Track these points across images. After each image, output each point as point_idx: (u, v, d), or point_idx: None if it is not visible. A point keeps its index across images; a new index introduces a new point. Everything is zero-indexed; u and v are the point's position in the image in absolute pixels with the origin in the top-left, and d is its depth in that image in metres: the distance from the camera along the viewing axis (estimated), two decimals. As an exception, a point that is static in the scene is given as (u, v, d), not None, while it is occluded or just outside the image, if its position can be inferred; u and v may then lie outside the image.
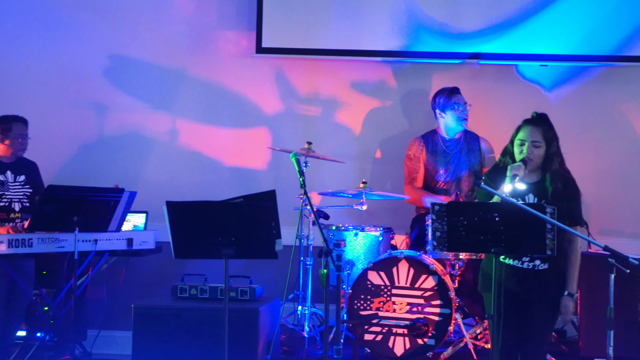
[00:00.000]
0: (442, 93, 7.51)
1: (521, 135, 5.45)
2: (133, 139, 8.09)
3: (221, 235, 5.57)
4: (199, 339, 6.64)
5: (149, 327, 6.74)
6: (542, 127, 5.44)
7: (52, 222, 6.71)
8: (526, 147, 5.41)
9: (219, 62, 8.07)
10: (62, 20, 8.04)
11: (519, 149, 5.44)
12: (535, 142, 5.42)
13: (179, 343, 6.67)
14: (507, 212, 5.12)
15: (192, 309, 6.77)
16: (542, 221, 5.05)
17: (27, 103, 7.90)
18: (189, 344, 6.66)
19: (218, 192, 7.64)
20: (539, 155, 5.43)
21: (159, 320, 6.73)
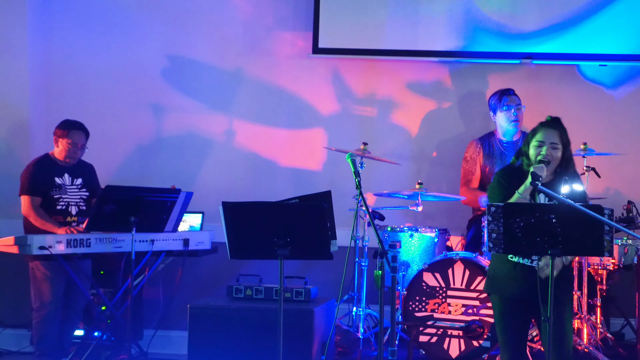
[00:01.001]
0: (495, 94, 7.47)
1: (539, 137, 5.45)
2: (190, 139, 8.13)
3: (276, 236, 5.57)
4: (254, 339, 6.65)
5: (205, 327, 6.77)
6: (558, 129, 5.46)
7: (109, 222, 6.76)
8: (545, 149, 5.41)
9: (275, 62, 8.08)
10: (121, 22, 8.10)
11: (537, 150, 5.43)
12: (554, 143, 5.42)
13: (234, 343, 6.69)
14: (564, 213, 5.07)
15: (247, 310, 6.78)
16: (601, 223, 5.00)
17: (86, 104, 7.97)
18: (244, 344, 6.68)
19: (274, 192, 7.65)
20: (557, 157, 5.43)
21: (214, 321, 6.76)
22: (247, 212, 5.67)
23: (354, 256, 7.20)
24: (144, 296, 7.71)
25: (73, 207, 7.05)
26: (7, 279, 7.99)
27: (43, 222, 6.85)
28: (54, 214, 6.96)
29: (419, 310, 6.83)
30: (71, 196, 7.05)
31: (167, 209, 6.91)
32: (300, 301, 6.95)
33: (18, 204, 7.28)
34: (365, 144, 7.24)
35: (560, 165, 5.45)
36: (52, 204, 6.97)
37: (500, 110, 7.41)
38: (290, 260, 5.68)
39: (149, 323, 7.72)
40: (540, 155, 5.41)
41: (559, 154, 5.43)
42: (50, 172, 7.02)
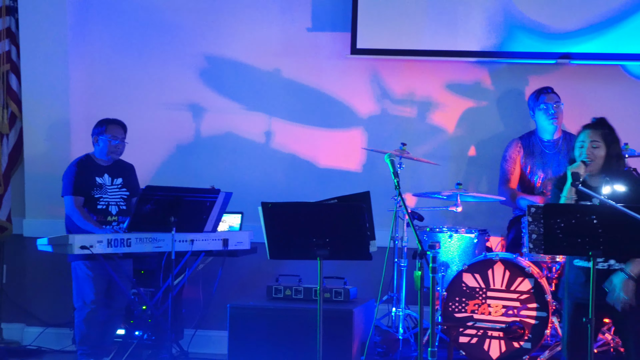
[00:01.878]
0: (533, 93, 7.45)
1: (581, 137, 5.49)
2: (229, 140, 8.15)
3: (315, 236, 5.57)
4: (293, 339, 6.66)
5: (245, 327, 6.79)
6: (601, 129, 5.46)
7: (149, 222, 6.79)
8: (586, 149, 5.40)
9: (313, 63, 8.08)
10: (160, 23, 8.14)
11: (579, 151, 5.46)
12: (594, 142, 5.42)
13: (274, 343, 6.71)
14: (605, 214, 5.03)
15: (286, 310, 6.80)
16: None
17: (125, 105, 8.02)
18: (283, 344, 6.69)
19: (312, 193, 7.65)
20: (599, 155, 5.40)
21: (254, 321, 6.78)
22: (286, 213, 5.67)
23: (393, 257, 7.18)
24: (184, 296, 7.75)
25: (113, 207, 7.09)
26: (49, 278, 8.07)
27: (85, 222, 6.90)
28: (95, 213, 7.02)
29: (459, 311, 6.81)
30: (111, 196, 7.10)
31: (207, 209, 6.93)
32: (339, 301, 6.96)
33: (59, 204, 7.35)
34: (404, 144, 7.22)
35: (604, 165, 5.41)
36: (93, 204, 7.03)
37: (538, 108, 7.38)
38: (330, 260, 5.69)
39: (189, 323, 7.75)
40: (582, 156, 5.39)
41: (601, 152, 5.40)
42: (91, 172, 7.08)
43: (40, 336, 8.10)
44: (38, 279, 8.18)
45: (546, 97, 7.36)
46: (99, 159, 7.16)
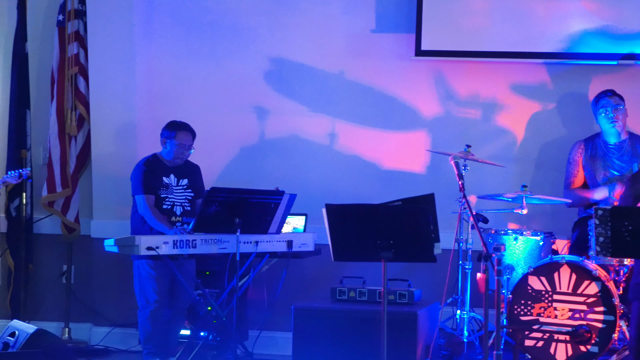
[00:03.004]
0: (595, 97, 7.37)
1: None
2: (293, 141, 8.17)
3: (380, 238, 5.57)
4: (357, 341, 6.66)
5: (309, 329, 6.81)
6: None
7: (214, 223, 6.83)
8: None
9: (377, 65, 8.07)
10: (225, 25, 8.18)
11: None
12: None
13: (338, 345, 6.72)
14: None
15: (351, 312, 6.80)
16: None
17: (190, 107, 8.07)
18: (347, 346, 6.70)
19: (376, 195, 7.64)
20: None
21: (318, 322, 6.80)
22: (351, 215, 5.68)
23: (458, 259, 7.15)
24: (249, 297, 7.78)
25: (178, 207, 7.15)
26: (116, 279, 8.15)
27: (157, 222, 6.97)
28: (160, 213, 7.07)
29: (525, 314, 6.76)
30: (177, 196, 7.15)
31: (271, 211, 6.96)
32: (403, 303, 6.95)
33: (126, 205, 7.43)
34: (469, 146, 7.18)
35: None
36: (159, 203, 7.08)
37: (598, 112, 7.31)
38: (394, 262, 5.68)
39: (254, 324, 7.78)
40: None
41: None
42: (159, 171, 7.13)
43: (108, 336, 8.19)
44: (105, 280, 8.27)
45: (605, 100, 7.28)
46: (165, 159, 7.21)
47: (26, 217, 8.23)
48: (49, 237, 8.39)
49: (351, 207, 5.75)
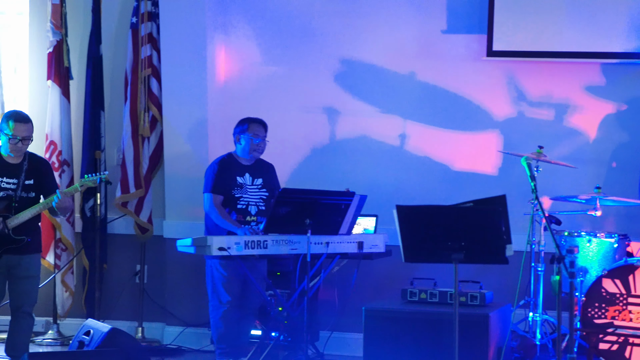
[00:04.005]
0: None
1: None
2: (363, 142, 8.17)
3: (451, 240, 5.55)
4: (428, 343, 6.64)
5: (380, 330, 6.80)
6: None
7: (285, 224, 6.85)
8: None
9: (448, 65, 8.04)
10: (296, 25, 8.21)
11: None
12: None
13: (409, 346, 6.70)
14: None
15: (421, 313, 6.78)
16: None
17: (261, 107, 8.10)
18: (418, 347, 6.68)
19: (447, 196, 7.61)
20: None
21: (389, 323, 6.79)
22: (421, 216, 5.67)
23: (530, 261, 7.09)
24: (320, 298, 7.80)
25: (252, 207, 7.18)
26: (188, 279, 8.23)
27: (223, 220, 7.01)
28: (234, 212, 7.10)
29: (599, 317, 6.68)
30: (251, 196, 7.18)
31: (342, 212, 6.96)
32: (475, 305, 6.91)
33: (197, 205, 7.49)
34: (541, 147, 7.12)
35: None
36: (233, 203, 7.12)
37: None
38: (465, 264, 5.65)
39: (325, 324, 7.80)
40: None
41: None
42: (233, 171, 7.17)
43: (180, 335, 8.27)
44: (177, 280, 8.35)
45: None
46: (241, 157, 7.24)
47: (100, 217, 8.34)
48: (122, 237, 8.50)
49: (422, 208, 5.73)
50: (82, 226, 8.35)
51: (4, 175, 6.77)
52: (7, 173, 6.77)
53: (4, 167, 6.77)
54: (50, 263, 8.33)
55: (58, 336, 8.36)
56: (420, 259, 5.86)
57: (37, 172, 6.86)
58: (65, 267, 8.33)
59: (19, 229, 6.74)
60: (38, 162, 6.96)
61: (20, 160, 6.82)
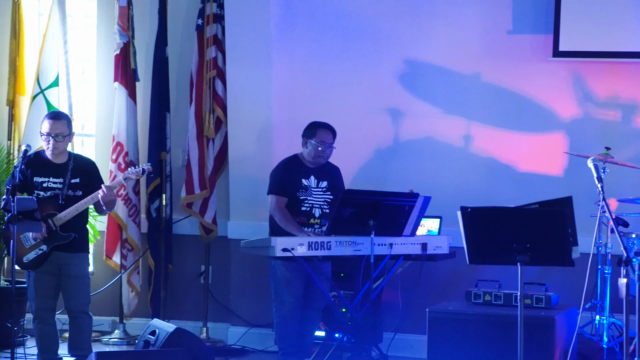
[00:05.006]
0: None
1: None
2: (427, 143, 8.14)
3: (516, 242, 5.52)
4: (493, 345, 6.60)
5: (444, 332, 6.78)
6: None
7: (349, 225, 6.85)
8: None
9: (513, 66, 7.97)
10: (360, 27, 8.20)
11: None
12: None
13: (473, 348, 6.67)
14: None
15: (486, 315, 6.74)
16: None
17: (325, 108, 8.11)
18: (483, 349, 6.64)
19: (512, 197, 7.55)
20: None
21: (453, 325, 6.76)
22: (486, 217, 5.64)
23: (597, 263, 7.02)
24: (383, 299, 7.79)
25: (316, 210, 7.18)
26: (252, 279, 8.27)
27: (286, 223, 7.02)
28: (298, 214, 7.12)
29: (666, 320, 6.58)
30: (316, 198, 7.19)
31: (406, 213, 6.94)
32: (540, 308, 6.85)
33: (262, 206, 7.52)
34: (608, 148, 7.05)
35: None
36: (297, 205, 7.13)
37: None
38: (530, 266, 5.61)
39: (388, 326, 7.78)
40: None
41: None
42: (298, 173, 7.18)
43: (244, 336, 8.31)
44: (242, 280, 8.39)
45: None
46: (306, 160, 7.26)
47: (166, 218, 8.42)
48: (187, 237, 8.57)
49: (487, 209, 5.71)
50: (148, 227, 8.42)
51: (50, 175, 6.89)
52: (53, 173, 6.89)
53: (50, 168, 6.90)
54: (116, 263, 8.42)
55: (124, 335, 8.45)
56: (484, 261, 5.82)
57: (83, 171, 6.96)
58: (131, 268, 8.41)
59: (66, 226, 6.85)
60: (83, 161, 7.08)
61: (65, 160, 6.94)
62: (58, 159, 6.92)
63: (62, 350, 7.14)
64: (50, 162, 6.91)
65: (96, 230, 8.40)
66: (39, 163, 6.92)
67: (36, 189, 6.84)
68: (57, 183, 6.88)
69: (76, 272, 6.93)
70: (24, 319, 8.13)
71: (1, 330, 7.81)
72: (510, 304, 6.92)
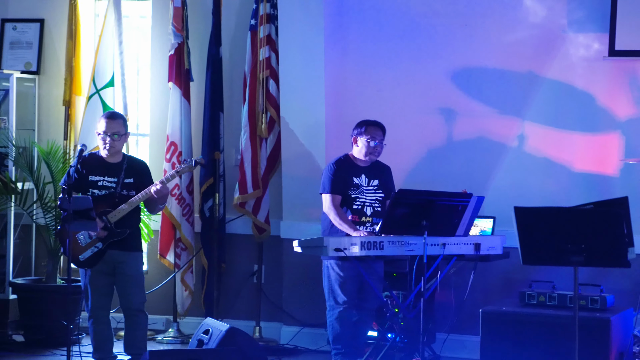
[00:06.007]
0: None
1: None
2: (481, 143, 8.10)
3: (571, 242, 5.47)
4: (547, 346, 6.56)
5: (497, 333, 6.75)
6: None
7: (401, 225, 6.83)
8: None
9: (568, 65, 7.90)
10: (412, 26, 8.17)
11: None
12: None
13: (527, 350, 6.63)
14: None
15: (540, 316, 6.70)
16: None
17: (378, 108, 8.10)
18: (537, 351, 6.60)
19: (567, 198, 7.50)
20: None
21: (507, 326, 6.73)
22: (540, 218, 5.60)
23: (653, 264, 6.94)
24: (436, 300, 7.76)
25: (368, 208, 7.18)
26: (305, 279, 8.29)
27: (341, 222, 7.03)
28: (350, 213, 7.13)
29: None
30: (367, 197, 7.19)
31: (459, 213, 6.91)
32: (595, 309, 6.79)
33: (314, 206, 7.53)
34: (665, 148, 6.97)
35: None
36: (349, 203, 7.13)
37: None
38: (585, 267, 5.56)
39: (441, 326, 7.76)
40: None
41: None
42: (349, 172, 7.19)
43: (297, 335, 8.34)
44: (294, 280, 8.41)
45: None
46: (357, 159, 7.26)
47: (219, 217, 8.46)
48: (240, 237, 8.61)
49: (541, 210, 5.66)
50: (201, 226, 8.48)
51: (105, 174, 6.98)
52: (108, 172, 6.98)
53: (105, 167, 6.99)
54: (170, 262, 8.49)
55: (178, 334, 8.51)
56: (539, 262, 5.78)
57: (136, 171, 7.06)
58: (185, 267, 8.47)
59: (120, 223, 6.94)
60: (136, 162, 7.18)
61: (120, 160, 7.03)
62: (112, 159, 7.00)
63: (118, 349, 7.21)
64: (105, 161, 6.99)
65: (150, 229, 8.48)
66: (94, 162, 7.00)
67: (91, 188, 6.92)
68: (111, 182, 6.96)
69: (131, 270, 7.00)
70: (80, 318, 8.23)
71: (57, 328, 7.93)
72: (565, 305, 6.86)
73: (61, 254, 8.20)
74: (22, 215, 8.55)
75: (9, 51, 9.00)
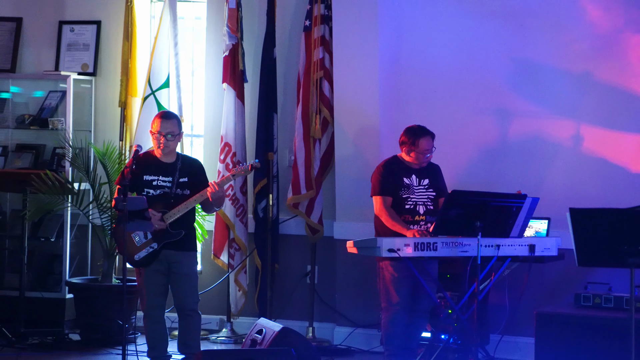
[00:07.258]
0: None
1: None
2: (536, 144, 8.05)
3: (627, 244, 5.43)
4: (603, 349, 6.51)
5: (552, 335, 6.69)
6: None
7: (455, 226, 6.82)
8: None
9: (625, 66, 7.83)
10: (468, 27, 8.14)
11: None
12: None
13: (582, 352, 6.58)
14: None
15: (596, 318, 6.64)
16: None
17: (432, 108, 8.10)
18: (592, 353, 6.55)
19: (623, 199, 7.41)
20: None
21: (561, 328, 6.68)
22: (596, 219, 5.56)
23: None
24: (490, 301, 7.73)
25: (420, 207, 7.17)
26: (358, 280, 8.29)
27: (393, 222, 7.02)
28: (403, 213, 7.12)
29: None
30: (418, 196, 7.18)
31: (513, 215, 6.88)
32: (652, 312, 6.70)
33: (367, 207, 7.53)
34: None
35: None
36: (401, 204, 7.13)
37: None
38: (642, 269, 5.51)
39: (495, 328, 7.73)
40: None
41: None
42: (399, 172, 7.19)
43: (350, 336, 8.34)
44: (347, 281, 8.42)
45: None
46: (407, 160, 7.24)
47: (272, 218, 8.49)
48: (293, 237, 8.63)
49: (597, 211, 5.62)
50: (255, 227, 8.51)
51: (160, 174, 7.02)
52: (163, 172, 7.02)
53: (160, 167, 7.03)
54: (224, 262, 8.53)
55: (231, 334, 8.55)
56: (594, 263, 5.75)
57: (190, 170, 7.09)
58: (239, 267, 8.51)
59: (175, 223, 6.98)
60: (190, 161, 7.22)
61: (174, 160, 7.07)
62: (167, 158, 7.05)
63: (172, 348, 7.27)
64: (160, 161, 7.05)
65: (204, 229, 8.53)
66: (148, 162, 7.06)
67: (146, 187, 6.98)
68: (166, 182, 7.01)
69: (186, 270, 7.04)
70: (135, 317, 8.30)
71: (113, 327, 8.01)
72: (621, 308, 6.80)
73: (117, 253, 8.28)
74: (78, 215, 8.64)
75: (66, 53, 9.11)
